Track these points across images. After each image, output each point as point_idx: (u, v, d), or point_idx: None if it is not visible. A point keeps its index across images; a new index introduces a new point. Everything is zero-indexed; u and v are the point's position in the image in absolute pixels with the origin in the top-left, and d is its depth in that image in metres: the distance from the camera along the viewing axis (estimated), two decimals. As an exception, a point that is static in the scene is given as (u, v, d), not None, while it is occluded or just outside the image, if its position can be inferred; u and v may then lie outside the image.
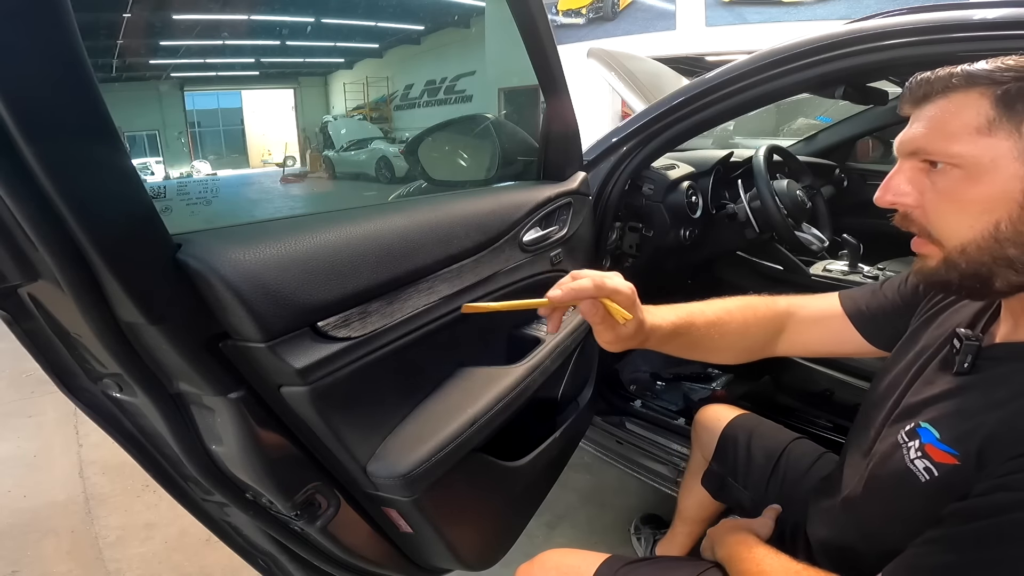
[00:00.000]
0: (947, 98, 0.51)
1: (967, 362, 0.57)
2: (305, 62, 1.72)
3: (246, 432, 0.55)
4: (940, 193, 0.52)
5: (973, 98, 0.50)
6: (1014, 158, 0.48)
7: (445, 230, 0.75)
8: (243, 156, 1.73)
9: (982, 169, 0.49)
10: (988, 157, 0.49)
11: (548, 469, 1.08)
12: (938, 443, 0.53)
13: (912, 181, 0.54)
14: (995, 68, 0.49)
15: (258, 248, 0.52)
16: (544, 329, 0.98)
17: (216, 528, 0.79)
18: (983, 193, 0.49)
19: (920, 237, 0.55)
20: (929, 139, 0.52)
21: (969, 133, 0.49)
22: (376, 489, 0.67)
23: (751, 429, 1.00)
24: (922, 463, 0.54)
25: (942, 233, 0.53)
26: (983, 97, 0.49)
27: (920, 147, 0.53)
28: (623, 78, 1.68)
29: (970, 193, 0.50)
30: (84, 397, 0.62)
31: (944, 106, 0.51)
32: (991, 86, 0.49)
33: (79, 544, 1.51)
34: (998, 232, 0.49)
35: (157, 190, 1.12)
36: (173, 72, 1.31)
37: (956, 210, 0.51)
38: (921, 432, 0.56)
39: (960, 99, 0.50)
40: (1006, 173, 0.48)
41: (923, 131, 0.52)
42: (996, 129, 0.48)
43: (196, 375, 0.51)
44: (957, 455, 0.51)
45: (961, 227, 0.51)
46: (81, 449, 1.94)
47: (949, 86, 0.51)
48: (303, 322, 0.55)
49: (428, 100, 2.17)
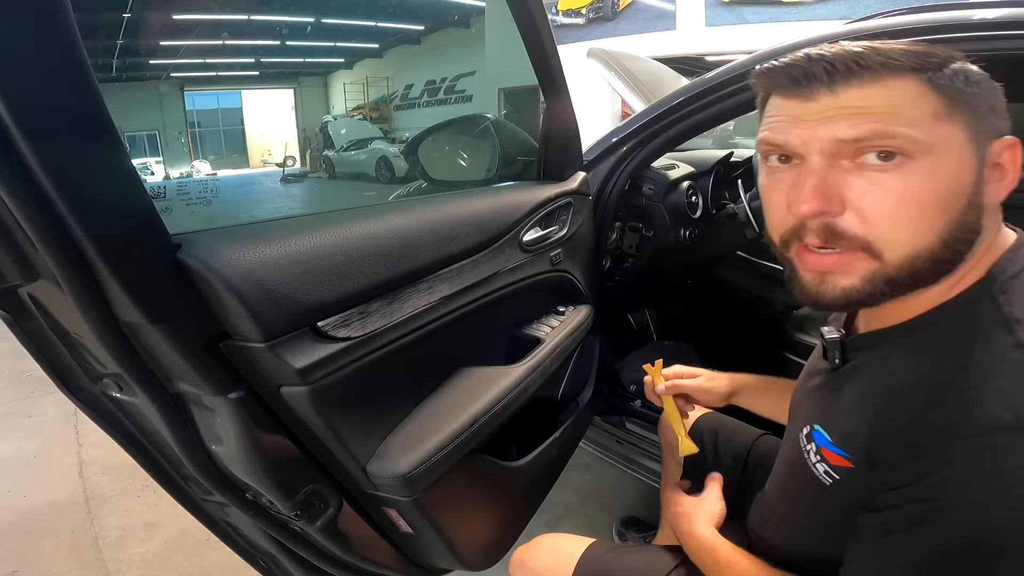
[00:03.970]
0: (881, 82, 0.42)
1: (836, 357, 0.55)
2: (305, 62, 1.73)
3: (246, 432, 0.55)
4: (892, 192, 0.42)
5: (912, 83, 0.42)
6: (967, 148, 0.43)
7: (445, 230, 0.75)
8: (243, 156, 1.73)
9: (945, 161, 0.42)
10: (950, 147, 0.42)
11: (548, 469, 1.08)
12: (831, 446, 0.52)
13: (839, 181, 0.44)
14: (912, 52, 0.43)
15: (258, 248, 0.52)
16: (544, 329, 0.98)
17: (216, 528, 0.79)
18: (946, 189, 0.42)
19: (846, 252, 0.45)
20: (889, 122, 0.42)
21: (930, 119, 0.42)
22: (376, 489, 0.67)
23: (715, 428, 0.99)
24: (822, 467, 0.53)
25: (891, 241, 0.43)
26: (919, 83, 0.42)
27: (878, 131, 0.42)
28: (623, 78, 1.68)
29: (933, 190, 0.42)
30: (84, 397, 0.62)
31: (883, 91, 0.42)
32: (919, 71, 0.42)
33: (79, 544, 1.50)
34: (949, 234, 0.43)
35: (157, 190, 1.12)
36: (173, 72, 1.32)
37: (915, 211, 0.42)
38: (815, 435, 0.55)
39: (899, 83, 0.42)
40: (963, 165, 0.43)
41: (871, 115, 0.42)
42: (952, 115, 0.42)
43: (196, 375, 0.51)
44: (849, 457, 0.50)
45: (918, 232, 0.43)
46: (81, 449, 1.94)
47: (879, 67, 0.42)
48: (303, 322, 0.55)
49: (428, 100, 2.18)
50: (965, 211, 0.43)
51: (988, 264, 0.46)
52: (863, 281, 0.45)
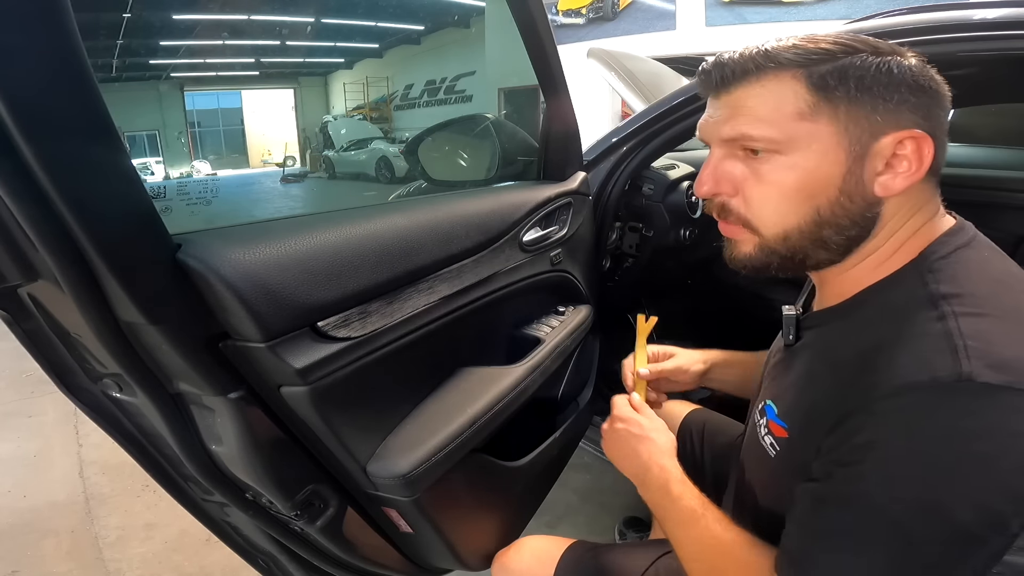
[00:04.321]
0: (760, 82, 0.49)
1: (791, 334, 0.60)
2: (305, 62, 1.72)
3: (246, 432, 0.55)
4: (762, 181, 0.50)
5: (787, 82, 0.48)
6: (836, 143, 0.47)
7: (445, 230, 0.75)
8: (243, 156, 1.73)
9: (806, 156, 0.48)
10: (811, 143, 0.47)
11: (548, 469, 1.08)
12: (776, 418, 0.56)
13: (731, 168, 0.52)
14: (804, 49, 0.47)
15: (258, 248, 0.52)
16: (544, 329, 0.98)
17: (216, 528, 0.79)
18: (807, 180, 0.48)
19: (734, 225, 0.54)
20: (751, 125, 0.49)
21: (791, 119, 0.47)
22: (376, 489, 0.67)
23: (703, 425, 1.00)
24: (768, 439, 0.57)
25: (763, 221, 0.51)
26: (796, 80, 0.47)
27: (743, 133, 0.49)
28: (623, 78, 1.68)
29: (794, 180, 0.49)
30: (84, 397, 0.62)
31: (759, 91, 0.49)
32: (801, 68, 0.47)
33: (79, 544, 1.50)
34: (819, 217, 0.49)
35: (157, 190, 1.12)
36: (173, 72, 1.31)
37: (780, 198, 0.50)
38: (767, 409, 0.59)
39: (774, 83, 0.48)
40: (828, 159, 0.47)
41: (741, 117, 0.49)
42: (817, 114, 0.47)
43: (196, 375, 0.51)
44: (786, 427, 0.54)
45: (784, 215, 0.50)
46: (81, 449, 1.94)
47: (760, 68, 0.48)
48: (303, 322, 0.55)
49: (428, 100, 2.18)
50: (839, 199, 0.48)
51: (919, 247, 0.50)
52: (755, 250, 0.53)
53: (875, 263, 0.51)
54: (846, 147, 0.47)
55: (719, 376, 0.87)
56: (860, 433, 0.44)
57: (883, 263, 0.51)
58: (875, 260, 0.51)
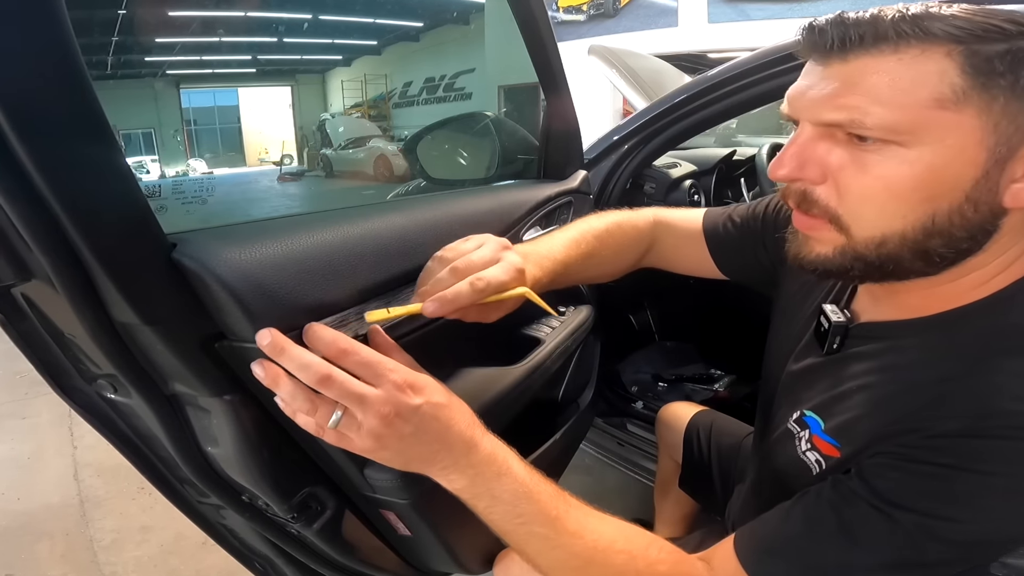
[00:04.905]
0: (897, 54, 0.39)
1: (836, 343, 0.54)
2: (302, 59, 1.72)
3: (242, 434, 0.55)
4: (867, 172, 0.42)
5: (936, 60, 0.38)
6: (978, 140, 0.39)
7: (444, 229, 0.74)
8: (239, 154, 1.73)
9: (935, 151, 0.39)
10: (946, 137, 0.39)
11: (548, 472, 1.07)
12: (823, 434, 0.52)
13: (824, 151, 0.44)
14: (970, 23, 0.38)
15: (254, 247, 0.52)
16: (544, 330, 0.98)
17: (212, 531, 0.79)
18: (930, 179, 0.40)
19: (816, 219, 0.46)
20: (869, 108, 0.40)
21: (926, 105, 0.39)
22: (374, 491, 0.67)
23: (710, 426, 0.99)
24: (813, 455, 0.52)
25: (859, 220, 0.44)
26: (949, 59, 0.38)
27: (854, 119, 0.41)
28: (624, 75, 1.68)
29: (912, 178, 0.40)
30: (78, 398, 0.62)
31: (892, 65, 0.39)
32: (961, 45, 0.38)
33: (73, 547, 1.51)
34: (932, 224, 0.41)
35: (152, 189, 1.12)
36: (169, 70, 1.31)
37: (888, 196, 0.42)
38: (809, 421, 0.54)
39: (917, 58, 0.39)
40: (963, 157, 0.39)
41: (857, 96, 0.40)
42: (964, 104, 0.38)
43: (191, 376, 0.51)
44: (839, 447, 0.50)
45: (889, 217, 0.42)
46: (76, 451, 1.94)
47: (902, 36, 0.39)
48: (300, 322, 0.55)
49: (427, 98, 2.17)
50: (961, 206, 0.41)
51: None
52: (835, 252, 0.46)
53: (978, 281, 0.45)
54: (990, 146, 0.39)
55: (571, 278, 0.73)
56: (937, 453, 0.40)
57: (987, 281, 0.44)
58: (979, 277, 0.45)
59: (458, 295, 0.50)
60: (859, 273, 0.46)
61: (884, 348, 0.50)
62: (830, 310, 0.55)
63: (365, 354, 0.45)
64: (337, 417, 0.44)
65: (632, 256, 0.79)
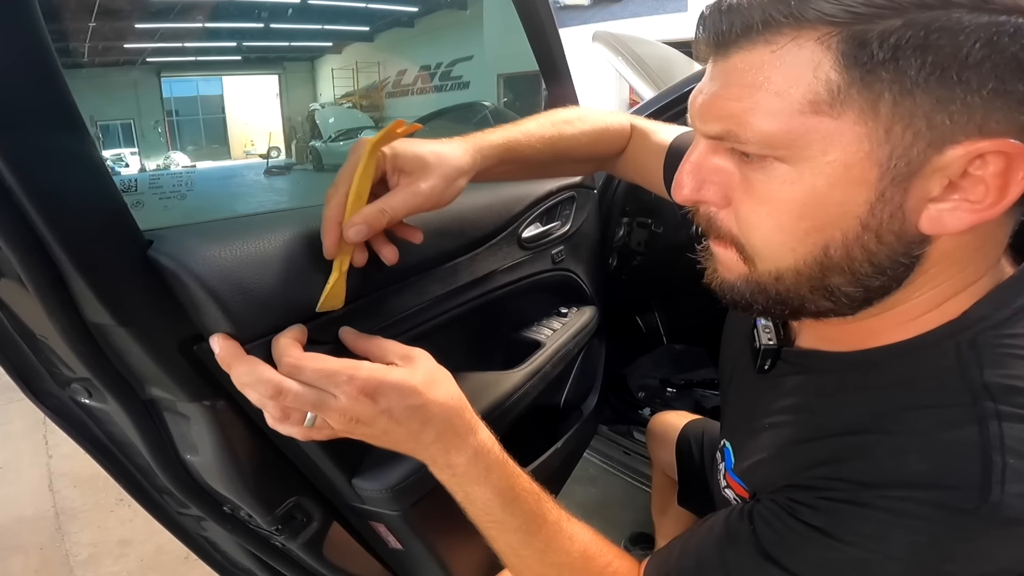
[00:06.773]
0: (770, 46, 0.33)
1: (767, 364, 0.52)
2: (290, 46, 1.73)
3: (222, 441, 0.55)
4: (752, 194, 0.38)
5: (808, 50, 0.32)
6: (864, 154, 0.33)
7: (437, 226, 0.75)
8: (224, 147, 1.73)
9: (815, 169, 0.34)
10: (827, 150, 0.33)
11: (550, 482, 1.07)
12: (733, 474, 0.53)
13: (718, 169, 0.40)
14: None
15: (236, 245, 0.52)
16: (545, 332, 0.98)
17: (193, 544, 0.79)
18: (812, 204, 0.35)
19: (728, 247, 0.43)
20: (740, 117, 0.35)
21: (802, 109, 0.33)
22: (363, 502, 0.68)
23: (701, 436, 1.00)
24: (731, 492, 0.54)
25: (755, 250, 0.40)
26: (821, 46, 0.32)
27: (729, 130, 0.36)
28: (631, 63, 1.68)
29: (794, 204, 0.36)
30: (51, 403, 0.62)
31: (766, 59, 0.33)
32: (835, 27, 0.31)
33: (48, 562, 1.51)
34: (826, 259, 0.37)
35: (128, 183, 1.12)
36: (149, 57, 1.32)
37: (773, 227, 0.37)
38: (726, 454, 0.55)
39: (788, 48, 0.33)
40: (849, 176, 0.34)
41: (729, 102, 0.36)
42: (843, 106, 0.32)
43: (169, 380, 0.51)
44: (748, 488, 0.51)
45: (776, 248, 0.38)
46: (50, 460, 1.94)
47: (769, 25, 0.33)
48: (283, 324, 0.55)
49: (422, 87, 2.17)
50: (859, 236, 0.35)
51: (967, 303, 0.38)
52: (740, 281, 0.43)
53: (903, 318, 0.40)
54: (881, 160, 0.33)
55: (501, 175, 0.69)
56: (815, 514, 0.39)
57: (913, 319, 0.40)
58: (903, 314, 0.40)
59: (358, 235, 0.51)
60: (762, 307, 0.43)
61: (806, 382, 0.48)
62: (763, 327, 0.52)
63: (311, 371, 0.45)
64: (311, 419, 0.46)
65: (602, 148, 0.75)
